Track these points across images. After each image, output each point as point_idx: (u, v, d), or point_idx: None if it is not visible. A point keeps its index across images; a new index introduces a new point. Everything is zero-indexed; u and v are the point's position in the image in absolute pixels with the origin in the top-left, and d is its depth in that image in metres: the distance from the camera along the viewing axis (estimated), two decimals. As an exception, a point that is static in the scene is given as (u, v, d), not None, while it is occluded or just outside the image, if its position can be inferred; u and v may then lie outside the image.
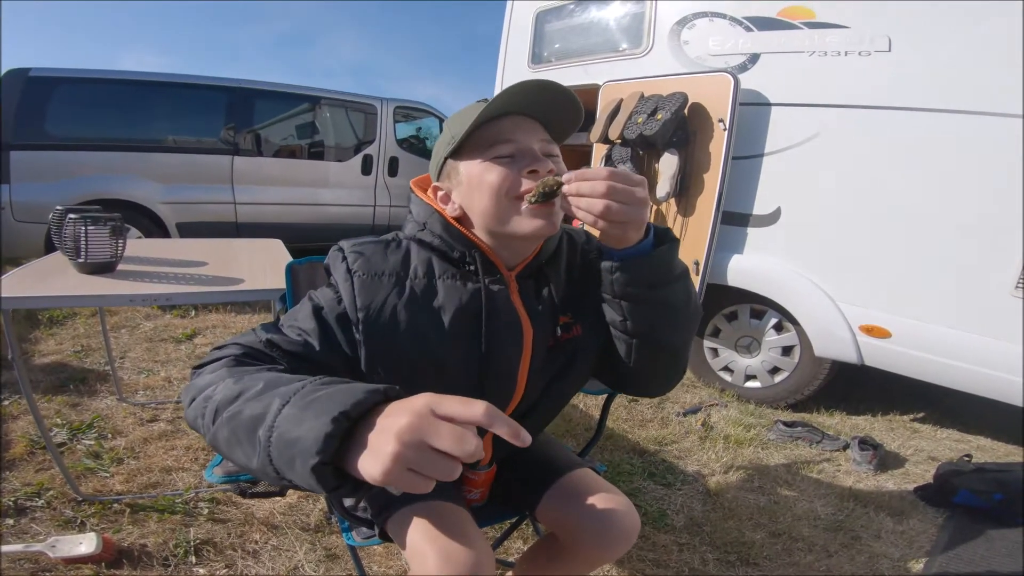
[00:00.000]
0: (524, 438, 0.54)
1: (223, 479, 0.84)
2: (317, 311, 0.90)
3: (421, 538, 0.93)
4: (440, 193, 0.98)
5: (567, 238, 1.08)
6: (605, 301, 0.96)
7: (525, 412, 1.05)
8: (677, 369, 1.04)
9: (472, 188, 0.91)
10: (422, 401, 0.55)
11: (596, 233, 0.92)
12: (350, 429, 0.57)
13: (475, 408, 0.54)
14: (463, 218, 0.96)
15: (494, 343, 0.94)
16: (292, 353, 0.85)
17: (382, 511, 1.04)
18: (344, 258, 0.93)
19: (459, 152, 0.92)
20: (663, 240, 0.89)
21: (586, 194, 0.80)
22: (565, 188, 0.81)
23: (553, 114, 0.94)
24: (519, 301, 0.97)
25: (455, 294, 0.93)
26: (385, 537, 1.06)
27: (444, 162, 0.96)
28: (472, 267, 0.95)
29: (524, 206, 0.87)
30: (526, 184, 0.87)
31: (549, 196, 0.83)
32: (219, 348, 0.84)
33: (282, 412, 0.61)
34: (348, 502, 1.13)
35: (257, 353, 0.83)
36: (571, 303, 1.02)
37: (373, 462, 0.53)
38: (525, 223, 0.88)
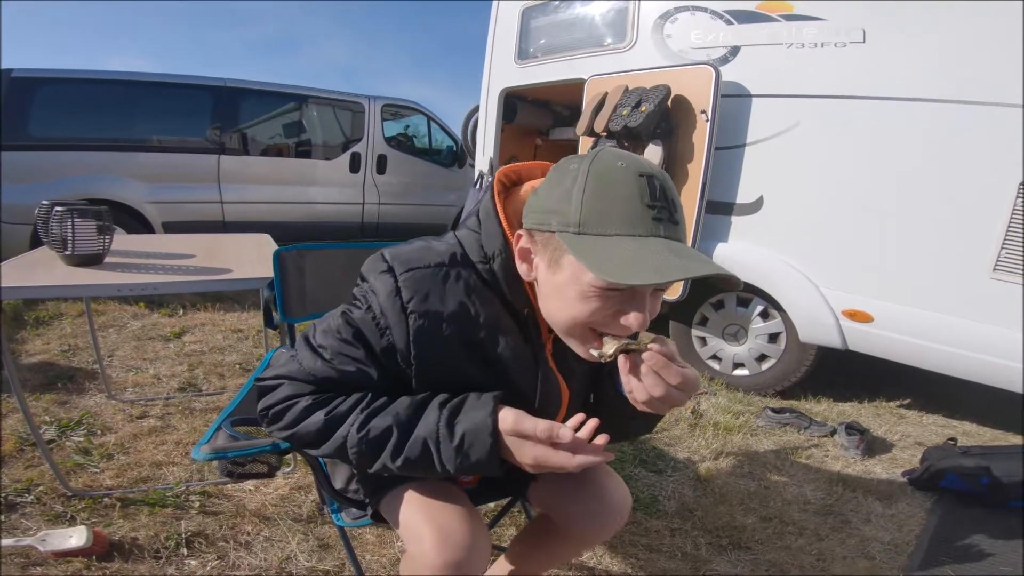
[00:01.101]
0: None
1: (210, 456, 0.84)
2: (361, 339, 0.87)
3: (417, 516, 0.93)
4: (523, 245, 0.83)
5: None
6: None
7: None
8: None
9: (562, 292, 0.79)
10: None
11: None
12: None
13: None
14: (530, 284, 0.87)
15: (543, 403, 0.95)
16: (352, 386, 0.88)
17: (375, 491, 1.04)
18: (397, 288, 0.84)
19: (580, 242, 0.74)
20: None
21: (650, 379, 0.78)
22: (645, 359, 0.77)
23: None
24: (553, 363, 0.95)
25: (513, 352, 0.90)
26: (377, 518, 1.05)
27: (552, 229, 0.77)
28: (525, 321, 0.91)
29: (591, 338, 0.81)
30: (613, 324, 0.79)
31: (622, 353, 0.79)
32: (284, 392, 0.88)
33: (440, 425, 0.82)
34: (338, 484, 1.13)
35: (321, 398, 0.87)
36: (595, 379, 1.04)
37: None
38: (579, 347, 0.83)
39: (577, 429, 0.79)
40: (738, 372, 3.32)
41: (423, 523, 0.91)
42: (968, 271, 2.42)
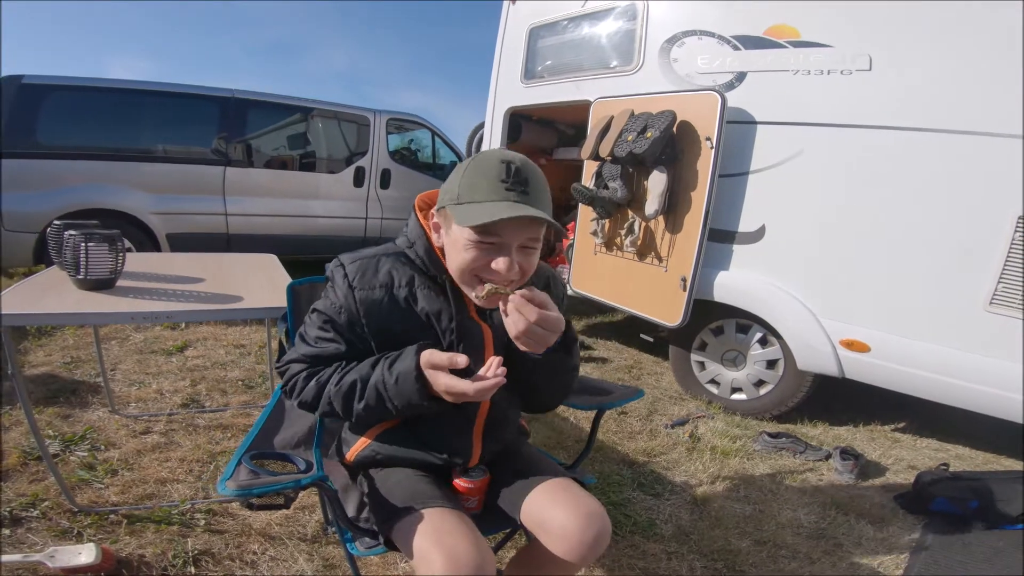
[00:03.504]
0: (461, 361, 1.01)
1: (236, 492, 0.88)
2: (329, 322, 1.15)
3: (427, 541, 1.00)
4: (434, 221, 1.14)
5: (547, 280, 1.31)
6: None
7: (494, 399, 1.17)
8: (547, 408, 1.36)
9: (451, 247, 1.08)
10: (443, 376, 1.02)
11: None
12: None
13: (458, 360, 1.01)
14: (443, 250, 1.14)
15: (464, 337, 1.15)
16: (332, 356, 1.15)
17: (387, 520, 1.09)
18: (345, 274, 1.14)
19: (458, 208, 1.03)
20: (563, 347, 1.13)
21: (513, 317, 1.00)
22: (510, 302, 1.01)
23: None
24: (477, 315, 1.18)
25: (431, 300, 1.15)
26: (390, 545, 1.10)
27: (445, 204, 1.07)
28: (444, 284, 1.15)
29: (474, 284, 1.07)
30: (489, 271, 1.04)
31: (493, 298, 1.03)
32: (292, 370, 1.18)
33: (384, 372, 1.07)
34: (351, 512, 1.17)
35: (313, 369, 1.16)
36: None
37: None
38: (470, 292, 1.10)
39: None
40: (736, 396, 3.35)
41: (433, 547, 0.98)
42: (965, 304, 2.46)
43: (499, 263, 1.03)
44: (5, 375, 2.81)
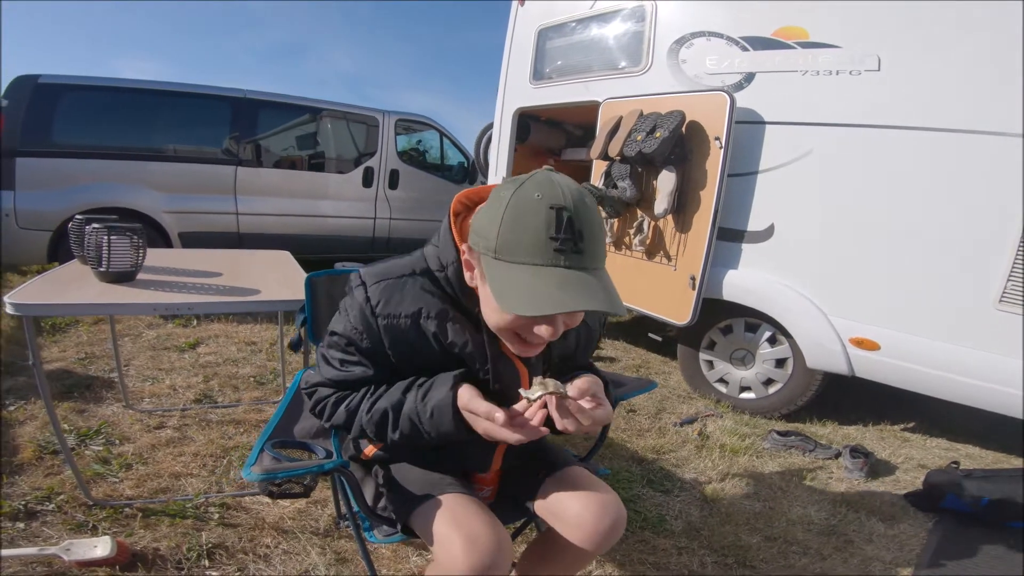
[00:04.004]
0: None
1: (262, 476, 0.90)
2: (352, 345, 1.06)
3: (446, 525, 1.01)
4: (465, 259, 0.98)
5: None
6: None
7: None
8: None
9: (487, 301, 0.94)
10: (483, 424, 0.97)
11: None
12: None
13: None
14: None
15: (498, 379, 1.07)
16: (359, 380, 1.09)
17: (405, 507, 1.11)
18: (368, 296, 1.03)
19: (494, 267, 0.88)
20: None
21: (566, 421, 0.94)
22: (560, 406, 0.95)
23: None
24: (511, 352, 1.06)
25: (462, 337, 1.04)
26: (408, 532, 1.12)
27: (480, 250, 0.91)
28: (477, 319, 1.03)
29: (517, 341, 0.96)
30: (530, 331, 0.93)
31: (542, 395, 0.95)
32: (320, 394, 1.13)
33: (417, 403, 1.02)
34: (369, 501, 1.19)
35: (342, 394, 1.11)
36: (563, 359, 1.15)
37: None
38: (512, 347, 0.99)
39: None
40: (745, 395, 3.35)
41: (452, 531, 1.00)
42: (974, 302, 2.46)
43: (542, 331, 0.91)
44: (19, 368, 2.85)
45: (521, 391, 0.97)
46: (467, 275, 0.99)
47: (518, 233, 0.84)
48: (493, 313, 0.94)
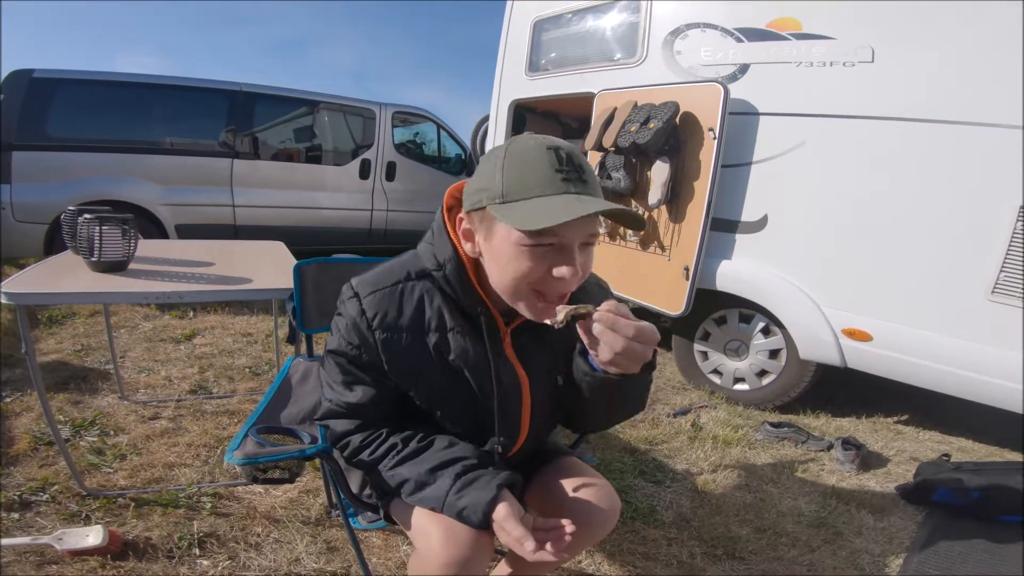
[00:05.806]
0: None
1: (243, 460, 0.91)
2: (352, 362, 1.02)
3: (425, 517, 1.00)
4: (464, 226, 0.96)
5: (597, 282, 1.16)
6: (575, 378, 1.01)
7: (529, 442, 1.14)
8: (607, 426, 1.25)
9: (498, 256, 0.91)
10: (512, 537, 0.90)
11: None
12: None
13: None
14: (478, 262, 0.97)
15: (502, 399, 1.04)
16: (369, 401, 1.03)
17: (386, 494, 1.11)
18: (362, 309, 0.99)
19: (506, 209, 0.87)
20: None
21: (607, 337, 0.84)
22: (596, 318, 0.84)
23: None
24: (513, 355, 1.05)
25: (464, 347, 1.01)
26: (390, 519, 1.13)
27: (483, 205, 0.90)
28: (479, 321, 1.00)
29: (536, 300, 0.91)
30: (549, 281, 0.89)
31: (575, 320, 0.86)
32: (336, 428, 1.06)
33: (450, 494, 0.96)
34: (355, 488, 1.19)
35: (363, 436, 1.05)
36: (568, 353, 1.07)
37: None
38: (530, 311, 0.93)
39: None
40: (738, 386, 3.36)
41: (430, 522, 0.99)
42: (967, 293, 2.46)
43: (563, 271, 0.87)
44: (16, 360, 2.86)
45: (546, 319, 0.90)
46: (467, 246, 0.96)
47: (523, 172, 0.86)
48: (506, 266, 0.89)
